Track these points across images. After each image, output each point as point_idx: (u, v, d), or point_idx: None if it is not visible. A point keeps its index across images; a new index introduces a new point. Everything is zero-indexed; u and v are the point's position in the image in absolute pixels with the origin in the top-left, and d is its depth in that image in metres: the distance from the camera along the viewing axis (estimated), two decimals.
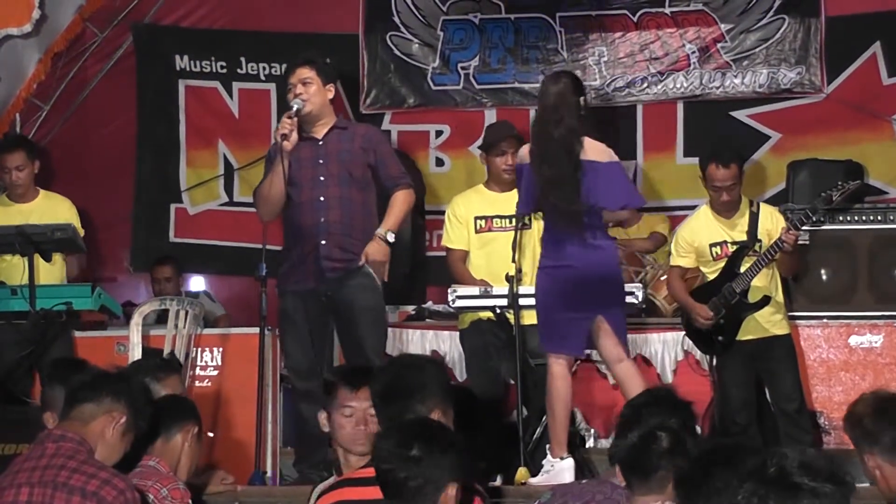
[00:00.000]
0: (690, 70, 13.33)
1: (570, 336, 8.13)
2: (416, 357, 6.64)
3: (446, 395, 5.67)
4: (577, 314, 8.06)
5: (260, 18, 13.61)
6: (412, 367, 5.90)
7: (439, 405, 5.58)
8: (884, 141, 12.87)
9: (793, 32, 13.11)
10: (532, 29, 13.55)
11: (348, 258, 8.30)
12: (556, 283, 8.12)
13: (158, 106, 13.90)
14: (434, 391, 5.61)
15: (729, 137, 12.69)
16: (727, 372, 9.26)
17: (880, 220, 10.48)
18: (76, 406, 5.54)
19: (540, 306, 8.27)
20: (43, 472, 5.28)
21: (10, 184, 9.98)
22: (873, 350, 9.97)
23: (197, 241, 13.68)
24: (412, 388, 5.64)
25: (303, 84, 8.31)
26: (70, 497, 5.20)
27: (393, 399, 5.69)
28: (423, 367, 5.84)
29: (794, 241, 8.98)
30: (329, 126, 8.41)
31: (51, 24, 12.61)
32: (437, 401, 5.58)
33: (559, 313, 8.11)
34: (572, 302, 8.04)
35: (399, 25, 13.61)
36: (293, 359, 8.40)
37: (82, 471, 5.28)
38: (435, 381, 5.68)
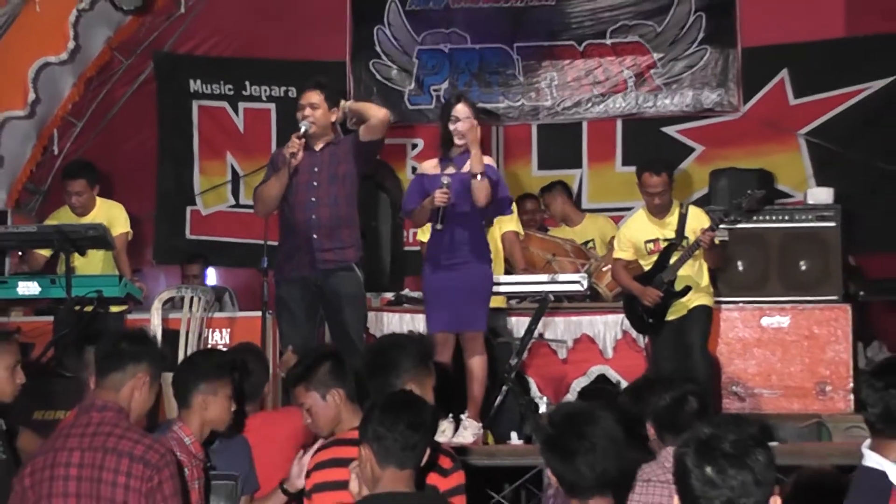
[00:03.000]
0: (628, 92, 13.33)
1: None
2: (398, 337, 6.56)
3: (420, 370, 5.59)
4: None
5: (261, 48, 13.58)
6: (392, 347, 5.82)
7: (413, 378, 5.51)
8: (791, 153, 12.91)
9: (714, 60, 13.14)
10: (493, 57, 13.54)
11: (338, 247, 8.22)
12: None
13: (175, 123, 13.85)
14: (407, 367, 5.54)
15: (660, 150, 12.72)
16: (658, 347, 9.26)
17: (788, 219, 10.47)
18: (106, 375, 5.45)
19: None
20: (92, 438, 5.21)
21: (70, 204, 9.93)
22: (782, 329, 9.96)
23: (209, 238, 13.64)
24: (388, 365, 5.60)
25: (311, 107, 8.19)
26: (119, 459, 5.14)
27: (373, 374, 5.68)
28: (402, 346, 5.76)
29: (709, 240, 8.94)
30: (327, 141, 8.31)
31: (83, 53, 12.61)
32: (410, 375, 5.51)
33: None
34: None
35: (380, 54, 13.61)
36: (288, 338, 8.28)
37: (128, 437, 5.23)
38: (409, 358, 5.60)
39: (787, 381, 9.78)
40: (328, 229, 8.21)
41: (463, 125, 7.92)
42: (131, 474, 5.12)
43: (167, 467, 5.19)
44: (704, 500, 3.58)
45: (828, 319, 9.96)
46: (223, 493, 5.88)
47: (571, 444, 4.50)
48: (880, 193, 12.50)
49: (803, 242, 10.36)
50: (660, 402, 5.76)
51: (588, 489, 4.46)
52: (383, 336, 7.71)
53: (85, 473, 5.14)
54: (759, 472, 3.58)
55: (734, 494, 3.55)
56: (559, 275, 9.71)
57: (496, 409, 8.78)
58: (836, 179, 11.91)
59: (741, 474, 3.56)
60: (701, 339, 9.13)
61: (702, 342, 9.14)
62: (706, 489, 3.58)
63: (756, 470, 3.57)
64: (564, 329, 9.93)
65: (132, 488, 5.11)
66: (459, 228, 7.96)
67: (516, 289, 9.60)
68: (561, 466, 4.53)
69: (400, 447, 4.78)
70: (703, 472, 3.58)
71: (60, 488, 5.15)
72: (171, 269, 13.05)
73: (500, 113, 13.41)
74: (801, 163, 12.92)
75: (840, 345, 9.87)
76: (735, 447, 3.60)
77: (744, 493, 3.55)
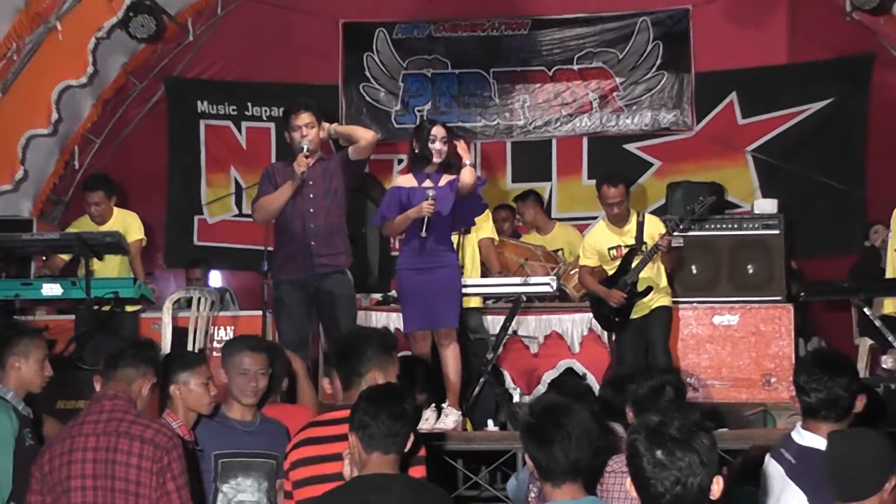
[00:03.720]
0: (593, 113, 13.37)
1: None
2: (363, 329, 6.58)
3: (383, 358, 5.58)
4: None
5: (262, 72, 13.56)
6: (357, 338, 5.84)
7: (376, 366, 5.51)
8: (739, 167, 12.97)
9: (670, 84, 13.18)
10: (472, 81, 13.56)
11: (333, 253, 8.22)
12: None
13: (184, 140, 13.84)
14: (371, 356, 5.54)
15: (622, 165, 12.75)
16: (622, 343, 9.26)
17: (737, 227, 10.49)
18: (119, 370, 5.46)
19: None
20: (106, 424, 5.22)
21: (89, 214, 9.94)
22: (731, 327, 9.95)
23: (214, 244, 13.61)
24: (353, 354, 5.61)
25: (307, 127, 8.18)
26: (132, 442, 5.15)
27: (341, 362, 5.68)
28: (365, 338, 5.76)
29: (667, 244, 8.99)
30: (319, 157, 8.31)
31: (101, 76, 12.59)
32: (374, 363, 5.52)
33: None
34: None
35: (370, 78, 13.62)
36: (286, 334, 8.24)
37: (138, 422, 5.25)
38: (373, 348, 5.59)
39: (736, 374, 9.79)
40: (324, 237, 8.21)
41: (442, 144, 7.97)
42: (143, 455, 5.13)
43: (175, 449, 5.20)
44: (655, 481, 3.60)
45: (772, 318, 9.96)
46: (263, 471, 5.85)
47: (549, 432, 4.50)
48: (819, 204, 12.57)
49: (750, 248, 10.37)
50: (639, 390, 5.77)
51: (561, 475, 4.47)
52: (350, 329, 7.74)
53: (100, 456, 5.15)
54: (704, 453, 3.60)
55: (682, 474, 3.57)
56: (531, 277, 9.69)
57: (474, 398, 8.76)
58: (780, 191, 11.99)
59: (688, 456, 3.58)
60: (663, 336, 9.16)
61: (664, 339, 9.16)
62: (657, 471, 3.59)
63: (701, 452, 3.60)
64: (536, 326, 9.93)
65: (144, 468, 5.12)
66: (433, 236, 7.98)
67: (492, 290, 9.59)
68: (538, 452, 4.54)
69: (383, 434, 4.79)
70: (653, 454, 3.60)
71: (78, 471, 5.15)
72: (180, 272, 13.03)
73: (478, 131, 13.44)
74: (748, 176, 12.98)
75: (783, 341, 9.87)
76: (681, 432, 3.62)
77: (691, 473, 3.57)
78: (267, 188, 8.35)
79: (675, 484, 3.57)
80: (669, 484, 3.58)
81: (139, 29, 11.99)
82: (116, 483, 5.12)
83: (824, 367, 5.00)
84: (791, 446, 4.95)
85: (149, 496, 5.11)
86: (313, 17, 13.43)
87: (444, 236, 8.08)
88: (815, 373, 4.99)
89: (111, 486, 5.13)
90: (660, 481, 3.59)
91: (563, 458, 4.45)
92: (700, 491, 3.59)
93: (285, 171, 8.29)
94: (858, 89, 12.84)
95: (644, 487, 3.62)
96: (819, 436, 4.88)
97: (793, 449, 4.93)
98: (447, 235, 8.15)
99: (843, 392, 4.92)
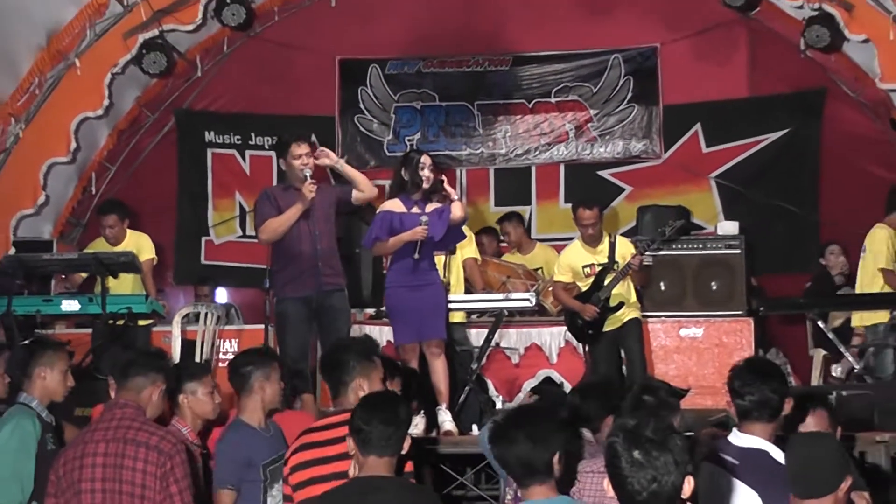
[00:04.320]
0: (569, 142, 13.36)
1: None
2: (344, 340, 6.54)
3: (366, 365, 5.57)
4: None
5: (264, 105, 13.55)
6: (338, 350, 5.82)
7: (360, 374, 5.53)
8: (704, 192, 12.97)
9: (640, 116, 13.19)
10: (457, 113, 13.55)
11: (334, 273, 8.28)
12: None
13: (193, 167, 13.80)
14: (353, 365, 5.54)
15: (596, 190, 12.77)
16: (596, 353, 9.26)
17: (701, 247, 10.52)
18: (130, 379, 5.48)
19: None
20: (115, 431, 5.25)
21: (104, 236, 9.98)
22: (696, 339, 9.95)
23: (220, 263, 13.56)
24: (334, 366, 5.62)
25: (307, 156, 8.19)
26: (138, 448, 5.18)
27: (326, 373, 5.72)
28: (347, 348, 5.76)
29: (639, 263, 9.03)
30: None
31: (116, 109, 12.61)
32: (357, 372, 5.53)
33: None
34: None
35: (364, 110, 13.61)
36: (290, 346, 8.20)
37: (145, 429, 5.27)
38: (354, 358, 5.59)
39: (701, 382, 9.75)
40: (327, 258, 8.27)
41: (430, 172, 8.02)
42: (148, 461, 5.16)
43: (178, 454, 5.23)
44: (632, 479, 3.59)
45: (734, 330, 9.98)
46: (280, 472, 5.82)
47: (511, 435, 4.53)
48: (776, 226, 12.58)
49: (714, 266, 10.39)
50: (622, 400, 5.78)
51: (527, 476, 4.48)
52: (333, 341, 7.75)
53: (109, 461, 5.18)
54: (677, 453, 3.60)
55: (658, 473, 3.56)
56: (512, 294, 9.72)
57: (460, 405, 8.76)
58: (741, 214, 11.98)
59: (663, 456, 3.58)
60: (639, 346, 9.19)
61: (640, 351, 9.20)
62: (634, 470, 3.59)
63: (675, 452, 3.60)
64: (516, 339, 9.91)
65: (149, 473, 5.15)
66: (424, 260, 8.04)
67: (476, 305, 9.61)
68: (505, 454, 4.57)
69: (376, 439, 4.80)
70: (631, 455, 3.60)
71: (89, 474, 5.19)
72: (189, 289, 13.02)
73: (463, 159, 13.45)
74: (712, 201, 12.98)
75: (745, 351, 9.82)
76: (656, 434, 3.62)
77: (666, 471, 3.56)
78: (269, 211, 8.33)
79: (650, 482, 3.57)
80: (646, 482, 3.57)
81: (151, 65, 12.00)
82: (123, 486, 5.15)
83: (755, 373, 5.04)
84: (730, 449, 4.97)
85: (153, 498, 5.14)
86: (312, 53, 13.43)
87: (430, 257, 8.16)
88: (748, 378, 5.04)
89: (119, 489, 5.16)
90: (637, 480, 3.58)
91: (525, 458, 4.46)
92: (674, 489, 3.58)
93: (286, 195, 8.30)
94: (812, 121, 12.86)
95: (622, 486, 3.62)
96: (755, 436, 4.91)
97: (732, 451, 4.94)
98: (432, 256, 8.21)
99: (772, 395, 4.95)
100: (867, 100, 12.40)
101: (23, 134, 11.83)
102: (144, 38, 11.87)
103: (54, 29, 11.53)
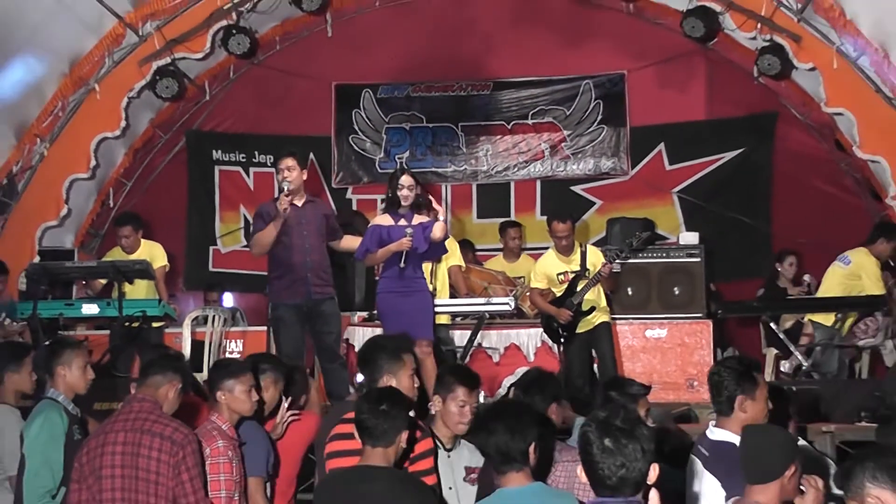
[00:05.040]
0: (545, 160, 13.39)
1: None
2: (378, 339, 6.49)
3: (394, 366, 5.54)
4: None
5: (267, 126, 13.53)
6: (370, 349, 5.79)
7: (387, 373, 5.52)
8: (667, 206, 13.01)
9: (609, 136, 13.22)
10: (443, 133, 13.56)
11: (324, 283, 8.26)
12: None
13: (201, 183, 13.79)
14: (381, 365, 5.54)
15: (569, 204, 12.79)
16: (570, 353, 9.26)
17: (665, 256, 10.51)
18: (150, 377, 5.52)
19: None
20: (133, 423, 5.28)
21: (121, 245, 9.99)
22: (660, 339, 9.96)
23: (227, 270, 13.52)
24: (366, 363, 5.62)
25: (288, 170, 8.18)
26: (153, 439, 5.22)
27: (361, 369, 5.71)
28: (379, 347, 5.73)
29: (608, 271, 9.05)
30: (304, 199, 8.32)
31: (132, 130, 12.61)
32: (384, 371, 5.52)
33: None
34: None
35: (357, 131, 13.61)
36: (285, 346, 8.21)
37: (160, 421, 5.30)
38: (383, 358, 5.58)
39: (664, 378, 9.78)
40: (317, 269, 8.26)
41: (408, 192, 8.02)
42: (162, 450, 5.19)
43: (189, 444, 5.25)
44: (603, 465, 3.61)
45: (695, 331, 9.98)
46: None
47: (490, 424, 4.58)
48: (732, 236, 12.60)
49: (676, 273, 10.38)
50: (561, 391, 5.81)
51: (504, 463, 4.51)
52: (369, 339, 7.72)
53: (127, 450, 5.22)
54: (644, 442, 3.62)
55: (626, 459, 3.59)
56: (493, 298, 9.73)
57: None
58: (701, 226, 12.01)
59: (632, 444, 3.60)
60: (611, 349, 9.19)
61: (611, 351, 9.20)
62: (605, 456, 3.61)
63: (642, 441, 3.62)
64: (497, 339, 9.90)
65: (163, 461, 5.19)
66: (410, 266, 8.03)
67: (460, 309, 9.61)
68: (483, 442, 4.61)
69: (372, 429, 4.81)
70: (602, 442, 3.62)
71: (109, 461, 5.23)
72: (198, 294, 12.98)
73: (448, 175, 13.45)
74: (674, 213, 13.01)
75: (704, 350, 9.88)
76: (625, 424, 3.65)
77: (634, 458, 3.59)
78: (260, 226, 8.35)
79: (619, 468, 3.59)
80: (615, 468, 3.60)
81: (164, 90, 11.99)
82: (140, 472, 5.20)
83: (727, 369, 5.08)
84: (705, 442, 4.99)
85: (166, 484, 5.18)
86: (310, 79, 13.43)
87: (418, 267, 8.14)
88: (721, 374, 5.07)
89: (135, 475, 5.20)
90: (607, 465, 3.60)
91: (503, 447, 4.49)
92: (640, 475, 3.60)
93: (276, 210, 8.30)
94: (764, 141, 12.92)
95: (593, 471, 3.64)
96: (727, 430, 4.92)
97: (706, 444, 4.97)
98: (420, 265, 8.19)
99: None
100: (814, 122, 12.46)
101: (47, 152, 11.82)
102: (158, 66, 11.86)
103: (76, 57, 11.52)
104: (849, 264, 9.74)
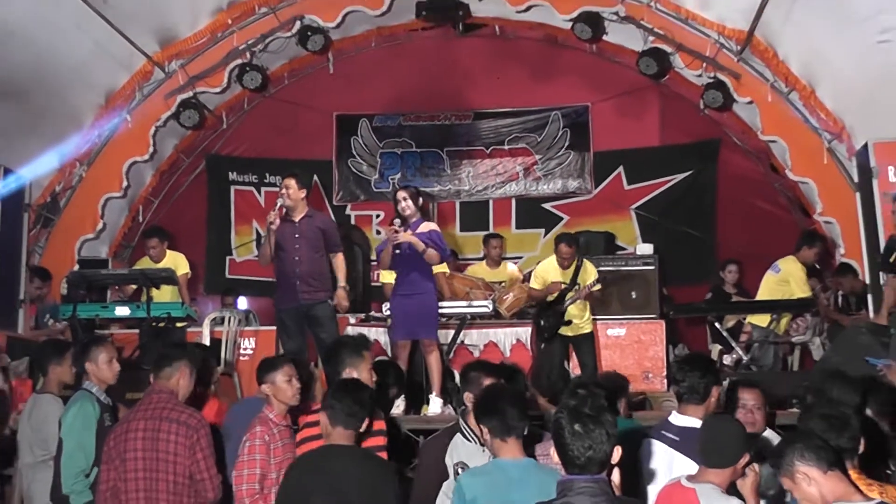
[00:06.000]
0: (519, 180, 13.39)
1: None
2: (341, 337, 6.51)
3: (355, 360, 5.62)
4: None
5: (276, 151, 13.50)
6: (334, 345, 5.89)
7: (349, 366, 5.58)
8: (625, 221, 12.98)
9: (575, 160, 13.23)
10: (430, 157, 13.55)
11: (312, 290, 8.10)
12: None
13: (219, 201, 13.76)
14: (343, 359, 5.61)
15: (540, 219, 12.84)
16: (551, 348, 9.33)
17: (624, 264, 10.55)
18: (162, 369, 5.60)
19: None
20: (153, 411, 5.37)
21: (149, 255, 10.06)
22: (620, 337, 9.97)
23: (241, 277, 13.48)
24: (331, 359, 5.69)
25: (286, 188, 8.15)
26: (170, 425, 5.29)
27: (325, 365, 5.77)
28: (342, 344, 5.82)
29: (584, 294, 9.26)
30: (302, 214, 8.24)
31: (159, 154, 12.60)
32: (346, 364, 5.58)
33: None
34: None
35: (355, 155, 13.61)
36: (288, 345, 8.17)
37: (176, 409, 5.39)
38: (346, 353, 5.64)
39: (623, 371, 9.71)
40: (307, 277, 8.12)
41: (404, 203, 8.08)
42: (179, 433, 5.28)
43: (202, 428, 5.34)
44: (573, 447, 3.63)
45: (650, 330, 10.01)
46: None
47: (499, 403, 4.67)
48: (682, 247, 12.59)
49: (633, 279, 10.42)
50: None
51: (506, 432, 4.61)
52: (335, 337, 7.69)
53: (148, 434, 5.32)
54: (609, 427, 3.65)
55: (594, 443, 3.61)
56: (473, 301, 9.75)
57: None
58: (655, 238, 12.05)
59: (599, 429, 3.62)
60: (592, 359, 9.31)
61: (593, 361, 9.31)
62: (574, 439, 3.63)
63: (607, 426, 3.64)
64: (477, 337, 9.87)
65: (180, 443, 5.28)
66: (415, 272, 8.06)
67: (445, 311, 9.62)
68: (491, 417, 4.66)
69: (344, 414, 4.84)
70: (573, 427, 3.64)
71: (132, 445, 5.32)
72: (216, 298, 12.94)
73: (435, 194, 13.43)
74: (632, 227, 13.01)
75: (658, 347, 9.90)
76: (593, 410, 3.67)
77: (601, 442, 3.62)
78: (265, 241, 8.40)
79: (587, 449, 3.61)
80: (584, 449, 3.62)
81: (187, 120, 12.00)
82: (159, 454, 5.28)
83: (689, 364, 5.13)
84: (671, 428, 4.99)
85: (183, 463, 5.26)
86: (314, 110, 13.43)
87: (423, 272, 8.12)
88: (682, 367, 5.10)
89: (156, 456, 5.28)
90: (577, 447, 3.63)
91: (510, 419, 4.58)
92: (605, 456, 3.63)
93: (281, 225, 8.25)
94: (710, 164, 12.95)
95: (564, 453, 3.66)
96: (690, 416, 4.94)
97: (673, 429, 4.97)
98: (424, 271, 8.15)
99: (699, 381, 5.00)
100: (752, 149, 12.51)
101: (85, 174, 11.86)
102: (181, 98, 11.89)
103: (110, 91, 11.56)
104: (779, 272, 9.81)
